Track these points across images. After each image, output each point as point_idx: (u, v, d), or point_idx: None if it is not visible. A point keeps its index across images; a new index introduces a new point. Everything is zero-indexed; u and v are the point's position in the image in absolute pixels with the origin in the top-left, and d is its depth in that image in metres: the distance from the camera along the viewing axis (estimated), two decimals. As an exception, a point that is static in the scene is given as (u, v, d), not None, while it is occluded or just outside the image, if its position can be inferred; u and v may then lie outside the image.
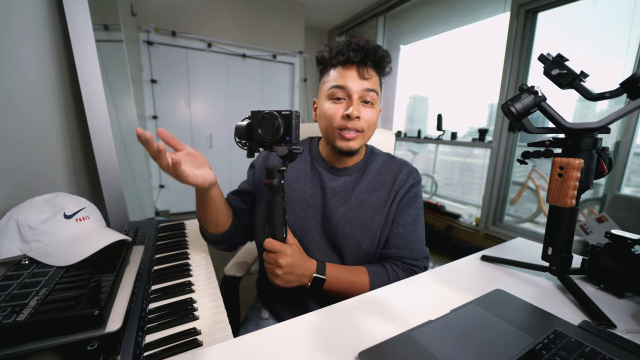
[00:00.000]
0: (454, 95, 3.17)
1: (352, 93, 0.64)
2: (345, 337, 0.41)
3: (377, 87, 0.67)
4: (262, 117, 0.52)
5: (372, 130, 0.68)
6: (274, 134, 0.51)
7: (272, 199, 0.54)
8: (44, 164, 0.69)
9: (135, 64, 2.55)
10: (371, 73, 0.65)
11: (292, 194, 0.72)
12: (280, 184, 0.53)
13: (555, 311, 0.46)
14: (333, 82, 0.65)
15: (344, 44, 0.65)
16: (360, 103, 0.65)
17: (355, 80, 0.64)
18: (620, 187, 1.82)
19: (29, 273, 0.44)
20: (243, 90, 3.43)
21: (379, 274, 0.66)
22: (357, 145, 0.67)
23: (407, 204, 0.71)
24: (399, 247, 0.69)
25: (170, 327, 0.46)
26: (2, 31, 0.56)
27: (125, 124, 1.44)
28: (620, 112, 0.45)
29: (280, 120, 0.51)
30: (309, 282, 0.60)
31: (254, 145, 0.55)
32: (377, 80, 0.67)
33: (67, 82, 0.80)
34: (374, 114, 0.66)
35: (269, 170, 0.52)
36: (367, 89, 0.64)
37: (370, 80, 0.65)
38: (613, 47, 1.96)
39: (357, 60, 0.64)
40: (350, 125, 0.64)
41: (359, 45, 0.64)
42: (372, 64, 0.65)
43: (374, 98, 0.66)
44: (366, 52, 0.64)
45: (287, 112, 0.51)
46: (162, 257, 0.69)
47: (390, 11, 3.43)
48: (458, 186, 3.30)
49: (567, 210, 0.50)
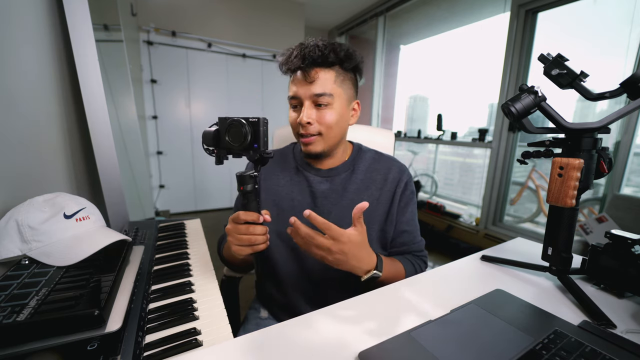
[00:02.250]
0: (454, 95, 3.17)
1: (303, 99, 0.64)
2: (345, 337, 0.41)
3: (330, 87, 0.63)
4: (230, 124, 0.51)
5: (334, 130, 0.66)
6: (242, 142, 0.50)
7: (248, 205, 0.53)
8: (44, 164, 0.69)
9: (135, 64, 2.55)
10: (317, 74, 0.63)
11: (280, 203, 0.71)
12: (255, 189, 0.52)
13: (555, 311, 0.46)
14: (288, 92, 0.67)
15: (291, 51, 0.65)
16: (313, 107, 0.64)
17: (302, 87, 0.64)
18: (620, 187, 1.82)
19: (29, 273, 0.44)
20: (243, 90, 3.44)
21: (409, 268, 0.68)
22: (319, 148, 0.67)
23: (407, 203, 0.72)
24: (407, 243, 0.72)
25: (170, 327, 0.46)
26: (2, 31, 0.56)
27: (125, 124, 1.44)
28: (620, 112, 0.45)
29: (248, 127, 0.50)
30: (365, 275, 0.57)
31: (221, 152, 0.54)
32: (331, 78, 0.64)
33: (67, 82, 0.80)
34: (332, 114, 0.64)
35: (241, 177, 0.51)
36: (315, 94, 0.63)
37: (317, 83, 0.63)
38: (613, 47, 1.97)
39: (297, 66, 0.64)
40: (303, 131, 0.65)
41: (299, 49, 0.64)
42: (316, 65, 0.63)
43: (327, 100, 0.64)
44: (304, 54, 0.63)
45: (255, 119, 0.50)
46: (162, 257, 0.69)
47: (390, 11, 3.43)
48: (458, 186, 3.30)
49: (567, 210, 0.50)
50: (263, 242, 0.54)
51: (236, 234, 0.53)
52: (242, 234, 0.53)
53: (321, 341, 0.40)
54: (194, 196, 3.37)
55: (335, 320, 0.44)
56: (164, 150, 3.12)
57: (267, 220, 0.54)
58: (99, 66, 0.75)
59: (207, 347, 0.39)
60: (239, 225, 0.53)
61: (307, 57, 0.62)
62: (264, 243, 0.54)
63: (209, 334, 0.45)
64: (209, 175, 3.39)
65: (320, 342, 0.40)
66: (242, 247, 0.53)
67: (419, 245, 0.74)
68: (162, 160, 3.13)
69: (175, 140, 3.16)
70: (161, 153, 3.11)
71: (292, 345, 0.39)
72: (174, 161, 3.18)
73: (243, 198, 0.53)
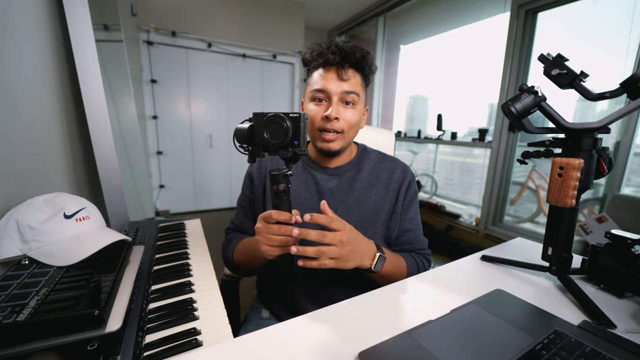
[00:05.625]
0: (454, 95, 3.17)
1: (332, 95, 0.65)
2: (345, 337, 0.41)
3: (358, 88, 0.66)
4: (268, 120, 0.48)
5: (353, 130, 0.68)
6: (282, 138, 0.47)
7: (280, 205, 0.50)
8: (44, 164, 0.69)
9: (135, 64, 2.55)
10: (350, 74, 0.65)
11: None
12: (287, 188, 0.50)
13: (555, 311, 0.46)
14: (314, 85, 0.66)
15: (325, 46, 0.65)
16: (340, 104, 0.65)
17: (334, 82, 0.64)
18: (620, 187, 1.82)
19: (29, 273, 0.44)
20: (243, 90, 3.44)
21: (411, 262, 0.69)
22: (337, 147, 0.67)
23: (410, 201, 0.74)
24: (411, 242, 0.74)
25: (170, 327, 0.46)
26: (2, 31, 0.56)
27: (125, 124, 1.44)
28: (620, 112, 0.45)
29: (288, 123, 0.47)
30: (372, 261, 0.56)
31: (256, 149, 0.51)
32: (359, 81, 0.67)
33: (67, 82, 0.80)
34: (355, 114, 0.67)
35: (274, 176, 0.48)
36: (346, 91, 0.64)
37: (349, 82, 0.65)
38: (613, 47, 1.96)
39: (335, 62, 0.64)
40: (329, 127, 0.65)
41: (337, 47, 0.64)
42: (351, 65, 0.65)
43: (355, 99, 0.66)
44: (344, 53, 0.64)
45: (296, 114, 0.47)
46: (162, 257, 0.69)
47: (390, 11, 3.42)
48: (458, 186, 3.30)
49: (567, 210, 0.50)
50: (294, 243, 0.51)
51: (267, 233, 0.51)
52: (273, 234, 0.50)
53: (321, 341, 0.40)
54: (194, 196, 3.37)
55: (335, 320, 0.44)
56: (164, 150, 3.12)
57: (299, 222, 0.52)
58: (99, 66, 0.75)
59: (207, 347, 0.39)
60: (271, 225, 0.50)
61: (347, 55, 0.64)
62: (294, 244, 0.51)
63: (209, 334, 0.45)
64: (209, 175, 3.39)
65: (320, 342, 0.40)
66: (273, 247, 0.51)
67: (422, 244, 0.75)
68: (162, 160, 3.13)
69: (175, 140, 3.16)
70: (161, 153, 3.11)
71: (292, 345, 0.39)
72: (174, 161, 3.19)
73: (275, 197, 0.50)
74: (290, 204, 0.52)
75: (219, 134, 3.39)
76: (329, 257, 0.50)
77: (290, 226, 0.50)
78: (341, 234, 0.50)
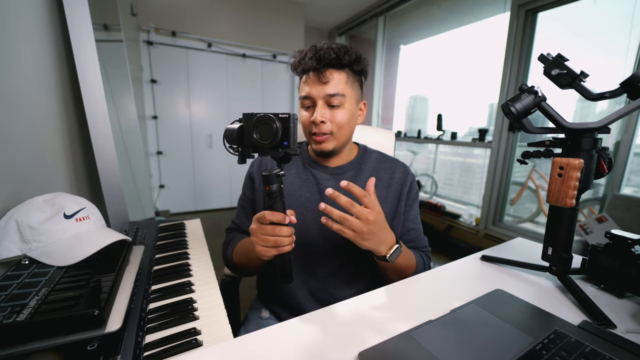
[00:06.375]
0: (454, 95, 3.17)
1: (316, 99, 0.65)
2: (345, 337, 0.41)
3: (343, 87, 0.65)
4: (258, 121, 0.47)
5: (345, 129, 0.68)
6: (271, 139, 0.47)
7: (273, 205, 0.50)
8: (44, 164, 0.69)
9: (135, 64, 2.55)
10: (330, 75, 0.65)
11: (287, 200, 0.72)
12: (280, 189, 0.50)
13: (555, 311, 0.46)
14: (301, 92, 0.68)
15: (304, 53, 0.66)
16: (326, 107, 0.66)
17: (315, 87, 0.65)
18: (620, 187, 1.82)
19: (29, 273, 0.44)
20: (243, 90, 3.44)
21: (417, 256, 0.69)
22: (330, 146, 0.68)
23: (412, 201, 0.76)
24: (414, 240, 0.75)
25: (170, 327, 0.46)
26: (2, 31, 0.56)
27: (125, 124, 1.44)
28: (620, 112, 0.45)
29: (278, 123, 0.47)
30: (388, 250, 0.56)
31: (246, 150, 0.50)
32: (344, 79, 0.66)
33: (67, 82, 0.80)
34: (344, 114, 0.66)
35: (266, 176, 0.48)
36: (329, 94, 0.64)
37: (331, 84, 0.64)
38: (613, 47, 1.96)
39: (312, 67, 0.65)
40: (317, 130, 0.66)
41: (313, 52, 0.65)
42: (329, 66, 0.65)
43: (340, 100, 0.66)
44: (319, 56, 0.64)
45: (285, 114, 0.47)
46: (162, 257, 0.69)
47: (390, 11, 3.42)
48: (458, 186, 3.30)
49: (567, 210, 0.50)
50: (289, 243, 0.51)
51: (261, 234, 0.51)
52: (267, 234, 0.50)
53: (321, 341, 0.40)
54: (193, 196, 3.37)
55: (335, 320, 0.44)
56: (164, 150, 3.12)
57: (293, 222, 0.52)
58: (99, 66, 0.75)
59: (207, 347, 0.39)
60: (264, 226, 0.50)
61: (322, 58, 0.64)
62: (289, 245, 0.52)
63: (209, 334, 0.45)
64: (209, 176, 3.39)
65: (320, 341, 0.40)
66: (268, 248, 0.51)
67: (424, 242, 0.76)
68: (162, 160, 3.13)
69: (175, 140, 3.16)
70: (161, 153, 3.11)
71: (291, 345, 0.39)
72: (174, 161, 3.19)
73: (268, 198, 0.50)
74: (284, 205, 0.51)
75: (219, 134, 3.38)
76: (351, 228, 0.50)
77: (284, 227, 0.50)
78: (369, 212, 0.50)
